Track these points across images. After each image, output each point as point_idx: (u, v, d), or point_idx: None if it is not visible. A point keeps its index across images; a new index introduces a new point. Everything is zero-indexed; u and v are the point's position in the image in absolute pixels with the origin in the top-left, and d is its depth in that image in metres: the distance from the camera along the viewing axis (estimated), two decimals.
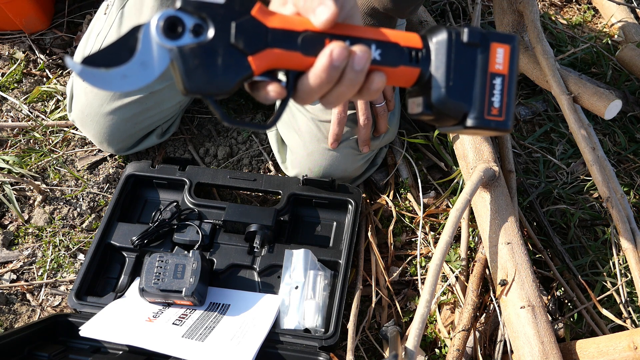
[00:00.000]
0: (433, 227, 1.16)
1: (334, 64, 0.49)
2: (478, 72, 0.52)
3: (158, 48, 0.47)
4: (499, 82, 0.53)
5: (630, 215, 0.94)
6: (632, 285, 1.06)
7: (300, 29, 0.50)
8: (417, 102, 0.55)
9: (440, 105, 0.52)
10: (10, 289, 1.08)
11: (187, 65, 0.47)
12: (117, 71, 0.46)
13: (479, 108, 0.52)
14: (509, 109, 0.53)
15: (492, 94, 0.53)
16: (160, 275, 0.93)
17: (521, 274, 0.90)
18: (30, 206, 1.18)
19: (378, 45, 0.52)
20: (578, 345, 0.88)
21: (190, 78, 0.47)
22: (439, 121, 0.55)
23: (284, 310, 0.97)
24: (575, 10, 1.62)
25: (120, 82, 0.46)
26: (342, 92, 0.51)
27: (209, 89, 0.48)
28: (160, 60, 0.47)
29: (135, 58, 0.47)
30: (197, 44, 0.47)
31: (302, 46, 0.50)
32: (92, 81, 0.46)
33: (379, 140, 1.12)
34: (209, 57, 0.47)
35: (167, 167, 1.13)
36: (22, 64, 1.39)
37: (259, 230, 1.02)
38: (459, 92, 0.52)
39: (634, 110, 1.33)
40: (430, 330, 1.02)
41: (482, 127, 0.53)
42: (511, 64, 0.53)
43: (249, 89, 0.53)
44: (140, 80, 0.47)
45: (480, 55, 0.52)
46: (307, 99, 0.52)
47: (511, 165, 1.14)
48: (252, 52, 0.48)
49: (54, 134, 1.28)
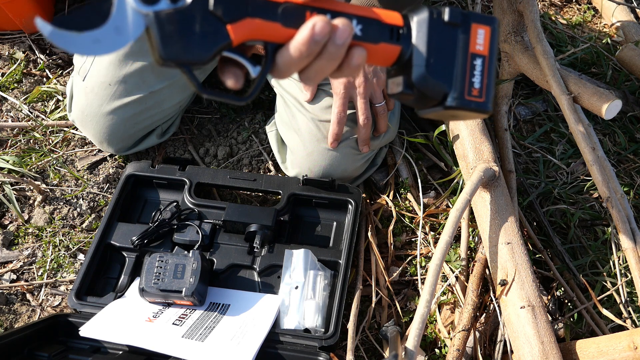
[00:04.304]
0: (433, 227, 1.16)
1: (315, 37, 0.48)
2: (459, 52, 0.52)
3: (133, 13, 0.45)
4: (480, 63, 0.52)
5: (630, 215, 0.94)
6: (632, 285, 1.06)
7: (281, 0, 0.49)
8: (397, 82, 0.54)
9: (421, 84, 0.52)
10: (10, 289, 1.08)
11: (163, 32, 0.45)
12: (89, 35, 0.45)
13: (459, 88, 0.52)
14: (489, 91, 0.53)
15: (472, 74, 0.52)
16: (160, 275, 0.93)
17: (521, 274, 0.90)
18: (30, 206, 1.18)
19: (359, 20, 0.51)
20: (578, 345, 0.88)
21: (166, 45, 0.46)
22: (419, 101, 0.54)
23: (284, 310, 0.97)
24: (575, 10, 1.62)
25: (92, 46, 0.45)
26: (322, 67, 0.50)
27: (185, 57, 0.46)
28: (135, 26, 0.45)
29: (109, 23, 0.45)
30: (174, 9, 0.46)
31: (283, 17, 0.49)
32: (62, 44, 0.44)
33: (379, 140, 1.12)
34: (186, 24, 0.46)
35: (167, 167, 1.13)
36: (22, 64, 1.39)
37: (259, 230, 1.02)
38: (439, 71, 0.51)
39: (634, 110, 1.33)
40: (430, 330, 1.02)
41: (462, 107, 0.52)
42: (492, 46, 0.53)
43: (219, 71, 0.52)
44: (113, 46, 0.45)
45: (461, 35, 0.52)
46: (286, 72, 0.51)
47: (511, 165, 1.14)
48: (231, 20, 0.47)
49: (54, 134, 1.28)
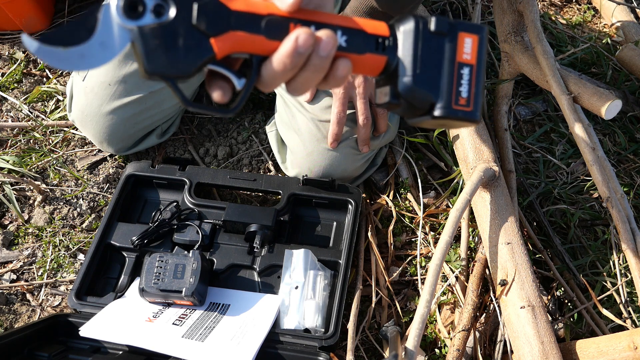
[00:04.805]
0: (433, 227, 1.16)
1: (299, 50, 0.48)
2: (445, 62, 0.52)
3: (118, 28, 0.46)
4: (467, 72, 0.52)
5: (630, 215, 0.94)
6: (632, 285, 1.06)
7: (265, 12, 0.49)
8: (385, 92, 0.54)
9: (407, 94, 0.51)
10: (10, 289, 1.08)
11: (148, 46, 0.46)
12: (75, 50, 0.45)
13: (446, 98, 0.52)
14: (477, 100, 0.53)
15: (459, 83, 0.52)
16: (160, 275, 0.93)
17: (521, 274, 0.90)
18: (30, 206, 1.18)
19: (344, 31, 0.51)
20: (578, 345, 0.88)
21: (150, 59, 0.46)
22: (407, 111, 0.54)
23: (284, 310, 0.97)
24: (575, 10, 1.62)
25: (78, 61, 0.45)
26: (307, 78, 0.50)
27: (169, 71, 0.47)
28: (121, 41, 0.46)
29: (94, 38, 0.46)
30: (157, 24, 0.46)
31: (266, 30, 0.49)
32: (49, 60, 0.45)
33: (379, 140, 1.12)
34: (170, 38, 0.46)
35: (167, 167, 1.13)
36: (22, 64, 1.39)
37: (259, 230, 1.02)
38: (426, 81, 0.51)
39: (634, 110, 1.33)
40: (430, 330, 1.02)
41: (450, 117, 0.52)
42: (479, 55, 0.53)
43: (207, 84, 0.52)
44: (99, 60, 0.46)
45: (448, 45, 0.52)
46: (271, 85, 0.51)
47: (511, 165, 1.14)
48: (215, 34, 0.47)
49: (54, 134, 1.28)
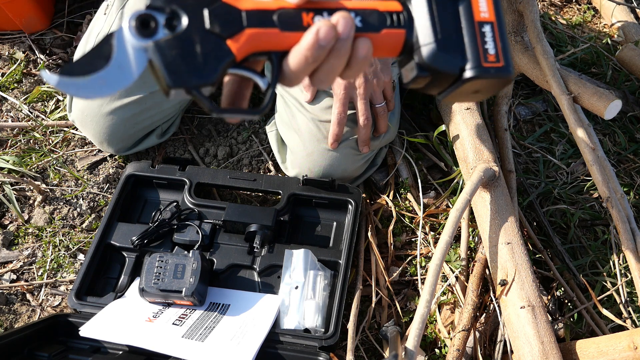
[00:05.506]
0: (433, 227, 1.16)
1: (321, 43, 0.48)
2: (465, 23, 0.51)
3: (134, 49, 0.46)
4: (489, 29, 0.51)
5: (630, 215, 0.94)
6: (632, 285, 1.06)
7: (274, 7, 0.49)
8: (410, 67, 0.53)
9: (434, 61, 0.50)
10: (10, 289, 1.08)
11: (166, 59, 0.46)
12: (95, 77, 0.45)
13: (474, 57, 0.50)
14: (506, 54, 0.51)
15: (484, 41, 0.51)
16: (160, 275, 0.93)
17: (521, 274, 0.89)
18: (30, 206, 1.18)
19: (357, 13, 0.51)
20: (578, 345, 0.88)
21: (171, 72, 0.46)
22: (437, 82, 0.53)
23: (284, 310, 0.97)
24: (575, 10, 1.62)
25: (100, 88, 0.46)
26: (331, 66, 0.50)
27: (192, 81, 0.46)
28: (138, 61, 0.46)
29: (112, 62, 0.46)
30: (172, 36, 0.46)
31: (280, 23, 0.49)
32: (72, 90, 0.45)
33: (379, 140, 1.12)
34: (187, 46, 0.46)
35: (167, 167, 1.13)
36: (22, 64, 1.39)
37: (259, 230, 1.02)
38: (450, 45, 0.51)
39: (634, 110, 1.33)
40: (430, 330, 1.02)
41: (483, 75, 0.50)
42: (497, 10, 0.52)
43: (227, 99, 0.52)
44: (120, 84, 0.46)
45: (463, 6, 0.51)
46: (295, 80, 0.51)
47: (511, 165, 1.14)
48: (230, 34, 0.47)
49: (54, 134, 1.28)
